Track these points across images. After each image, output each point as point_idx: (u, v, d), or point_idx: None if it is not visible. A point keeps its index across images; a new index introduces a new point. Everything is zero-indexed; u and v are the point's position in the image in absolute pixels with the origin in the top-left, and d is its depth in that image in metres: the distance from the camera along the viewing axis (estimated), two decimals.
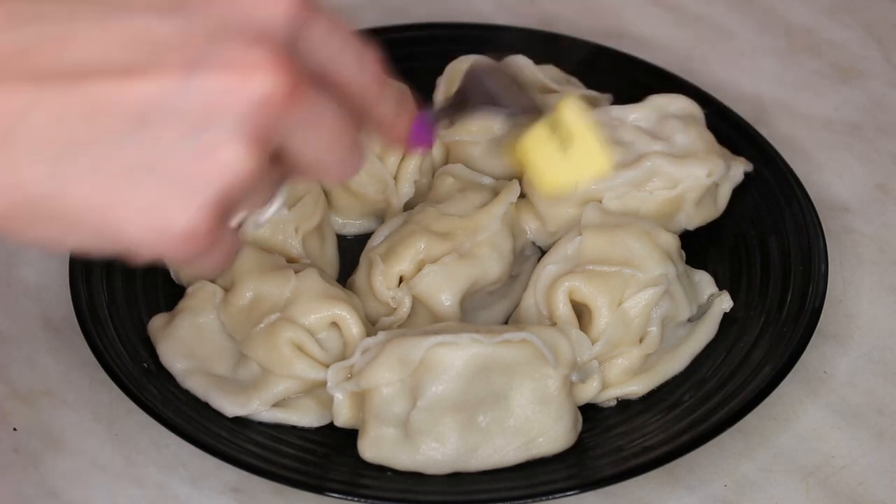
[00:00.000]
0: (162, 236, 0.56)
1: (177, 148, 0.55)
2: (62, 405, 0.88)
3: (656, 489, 0.83)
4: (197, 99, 0.54)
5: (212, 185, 0.55)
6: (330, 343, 0.85)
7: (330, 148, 0.60)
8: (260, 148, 0.56)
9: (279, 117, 0.56)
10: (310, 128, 0.58)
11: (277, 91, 0.55)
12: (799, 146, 1.06)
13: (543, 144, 0.79)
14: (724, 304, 0.90)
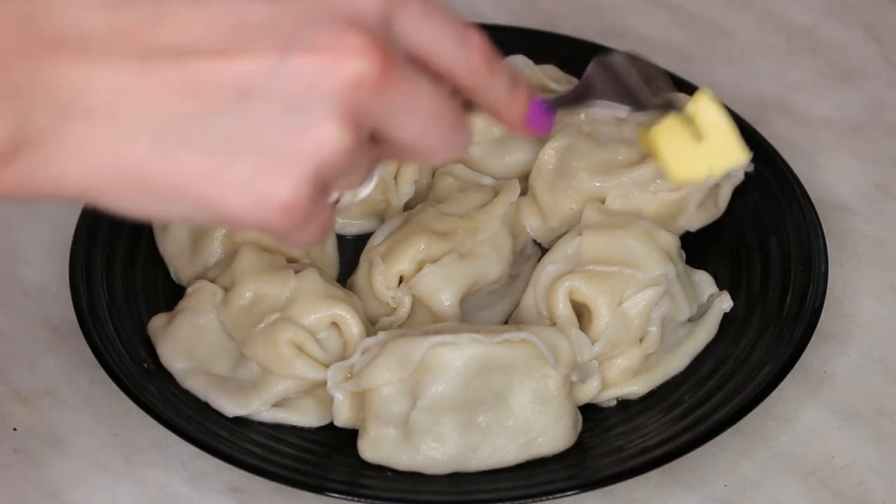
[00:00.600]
0: (262, 208, 0.58)
1: (275, 124, 0.57)
2: (62, 405, 0.88)
3: (656, 489, 0.83)
4: (293, 78, 0.56)
5: (309, 160, 0.57)
6: (330, 343, 0.85)
7: (428, 129, 0.61)
8: (354, 128, 0.57)
9: (372, 99, 0.58)
10: (406, 110, 0.59)
11: (369, 74, 0.57)
12: (799, 146, 1.06)
13: (677, 134, 0.81)
14: (724, 304, 0.90)
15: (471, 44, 0.63)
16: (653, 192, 0.93)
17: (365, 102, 0.58)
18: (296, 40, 0.57)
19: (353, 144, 0.58)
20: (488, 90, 0.65)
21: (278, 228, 0.59)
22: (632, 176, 0.92)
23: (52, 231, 0.99)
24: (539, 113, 0.68)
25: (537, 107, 0.68)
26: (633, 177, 0.92)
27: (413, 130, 0.61)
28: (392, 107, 0.59)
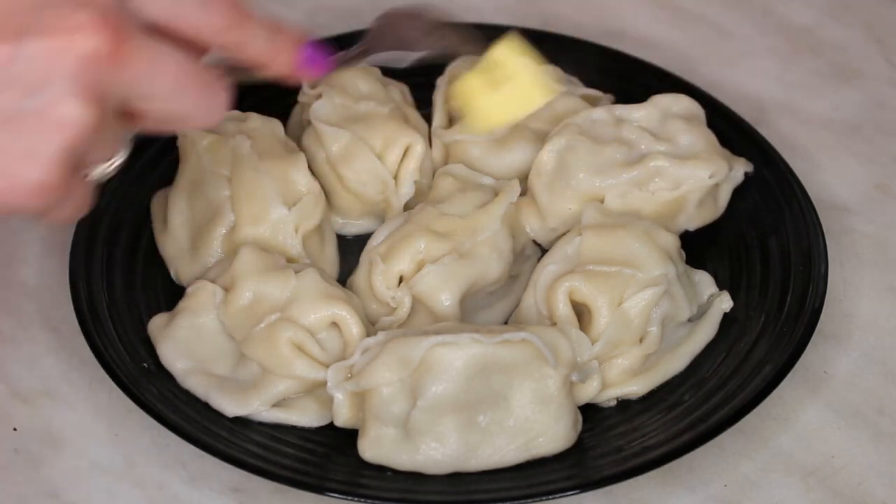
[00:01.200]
0: (15, 192, 0.60)
1: (18, 109, 0.59)
2: (62, 405, 0.88)
3: (656, 489, 0.83)
4: (30, 63, 0.59)
5: (54, 140, 0.59)
6: (330, 343, 0.85)
7: (176, 96, 0.63)
8: (95, 103, 0.60)
9: (110, 73, 0.60)
10: (148, 80, 0.61)
11: (102, 48, 0.59)
12: (799, 146, 1.06)
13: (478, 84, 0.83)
14: (724, 304, 0.90)
15: (214, 4, 0.64)
16: (651, 192, 0.93)
17: (102, 77, 0.59)
18: (29, 25, 0.58)
19: (96, 119, 0.60)
20: (245, 45, 0.66)
21: (34, 209, 0.61)
22: (630, 176, 0.92)
23: (51, 231, 0.99)
24: (311, 58, 0.70)
25: (309, 52, 0.69)
26: (632, 177, 0.92)
27: (161, 100, 0.62)
28: (133, 78, 0.61)
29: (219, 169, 0.93)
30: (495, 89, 0.83)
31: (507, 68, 0.83)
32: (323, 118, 0.96)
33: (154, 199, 0.97)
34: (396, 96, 1.00)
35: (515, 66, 0.83)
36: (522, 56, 0.83)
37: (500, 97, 0.83)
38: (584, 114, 0.96)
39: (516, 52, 0.83)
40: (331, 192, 0.97)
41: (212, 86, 0.64)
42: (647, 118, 0.96)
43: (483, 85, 0.83)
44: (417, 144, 0.96)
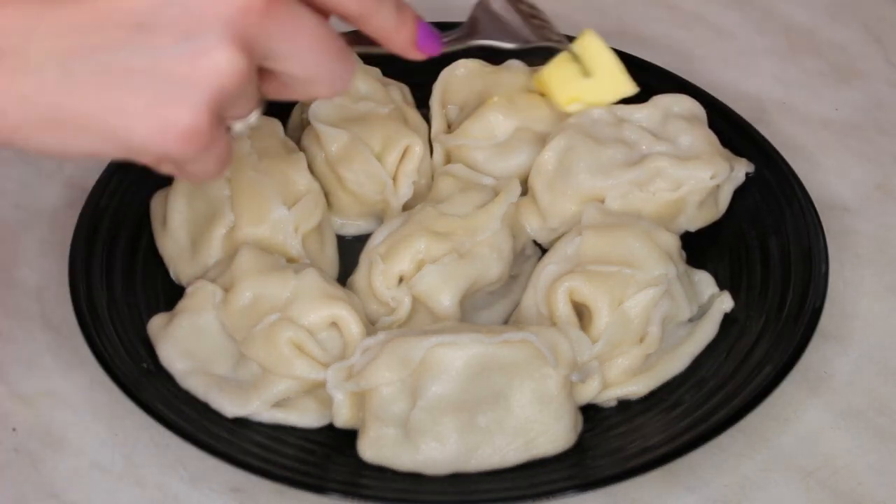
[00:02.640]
0: (166, 134, 0.61)
1: (172, 53, 0.60)
2: (62, 405, 0.88)
3: (656, 489, 0.83)
4: (184, 9, 0.60)
5: (206, 86, 0.61)
6: (330, 343, 0.85)
7: (313, 59, 0.64)
8: (245, 53, 0.61)
9: (260, 26, 0.61)
10: (291, 38, 0.63)
11: (255, 1, 0.61)
12: (799, 146, 1.06)
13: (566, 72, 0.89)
14: (724, 304, 0.90)
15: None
16: (652, 193, 0.93)
17: (253, 29, 0.61)
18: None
19: (245, 68, 0.61)
20: (375, 16, 0.68)
21: (182, 155, 0.62)
22: (631, 176, 0.92)
23: (51, 231, 0.99)
24: (427, 36, 0.72)
25: (425, 30, 0.71)
26: (633, 177, 0.92)
27: (298, 60, 0.64)
28: (278, 35, 0.62)
29: None
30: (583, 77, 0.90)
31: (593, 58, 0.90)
32: (322, 118, 0.96)
33: (154, 199, 0.97)
34: (396, 97, 1.00)
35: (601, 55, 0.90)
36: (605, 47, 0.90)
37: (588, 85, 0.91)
38: (585, 114, 0.96)
39: (600, 43, 0.90)
40: (330, 193, 0.97)
41: (344, 53, 0.66)
42: (648, 118, 0.96)
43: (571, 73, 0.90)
44: (416, 145, 0.96)
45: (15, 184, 1.04)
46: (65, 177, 1.04)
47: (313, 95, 0.68)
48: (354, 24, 0.69)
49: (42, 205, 1.01)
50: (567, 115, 0.96)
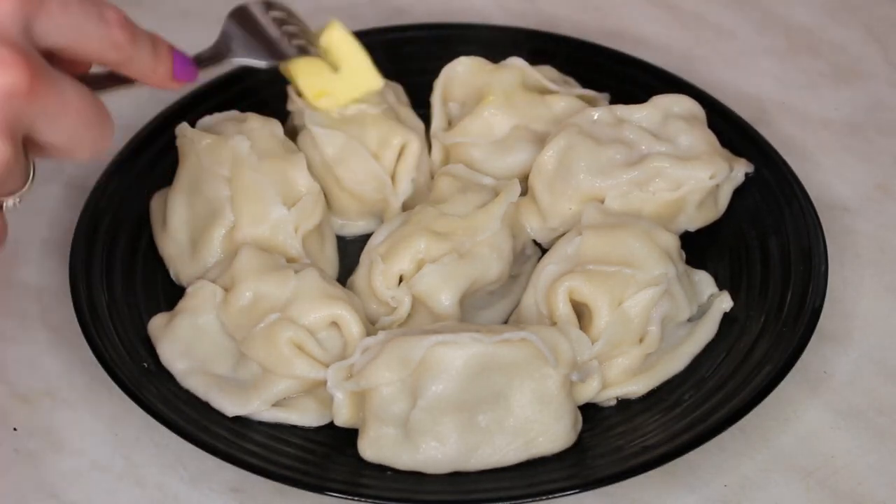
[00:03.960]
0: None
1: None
2: (62, 405, 0.88)
3: (656, 489, 0.83)
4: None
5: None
6: (330, 343, 0.85)
7: (77, 129, 0.64)
8: (12, 138, 0.61)
9: (24, 109, 0.61)
10: (55, 114, 0.63)
11: (18, 85, 0.61)
12: (799, 146, 1.06)
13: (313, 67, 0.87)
14: (724, 303, 0.90)
15: (110, 22, 0.66)
16: (652, 193, 0.93)
17: (17, 113, 0.61)
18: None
19: (11, 154, 0.62)
20: (134, 60, 0.68)
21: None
22: (631, 176, 0.92)
23: (51, 231, 0.99)
24: (183, 66, 0.72)
25: (180, 61, 0.72)
26: (633, 177, 0.92)
27: (63, 132, 0.64)
28: (42, 115, 0.62)
29: (218, 169, 0.93)
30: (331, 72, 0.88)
31: (339, 52, 0.88)
32: (316, 121, 0.96)
33: (154, 199, 0.97)
34: (390, 97, 1.00)
35: (347, 49, 0.88)
36: (351, 40, 0.89)
37: (336, 80, 0.89)
38: (585, 114, 0.96)
39: (346, 37, 0.89)
40: (329, 194, 0.97)
41: (104, 118, 0.66)
42: (647, 118, 0.96)
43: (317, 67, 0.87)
44: (413, 142, 0.96)
45: None
46: (65, 177, 1.04)
47: (73, 159, 0.67)
48: (114, 69, 0.69)
49: (42, 205, 1.01)
50: (559, 118, 0.95)
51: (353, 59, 0.89)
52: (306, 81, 0.89)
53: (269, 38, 0.83)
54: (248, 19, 0.83)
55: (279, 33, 0.83)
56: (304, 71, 0.88)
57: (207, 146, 0.94)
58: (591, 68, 1.05)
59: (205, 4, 1.20)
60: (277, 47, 0.83)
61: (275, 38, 0.83)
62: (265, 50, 0.82)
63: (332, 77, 0.89)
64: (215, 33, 0.81)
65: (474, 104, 0.99)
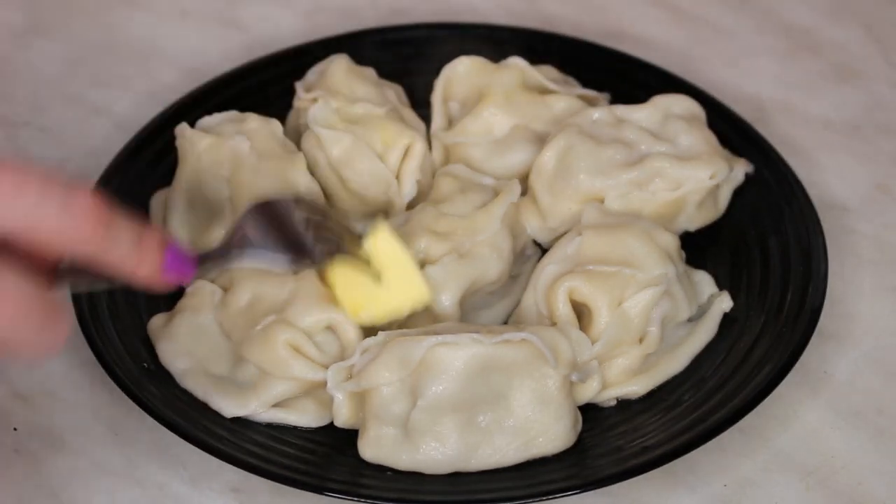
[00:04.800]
0: None
1: None
2: (62, 405, 0.88)
3: (656, 489, 0.83)
4: None
5: None
6: (327, 345, 0.85)
7: (14, 328, 0.58)
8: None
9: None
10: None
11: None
12: (799, 146, 1.06)
13: (354, 275, 0.79)
14: (723, 304, 0.90)
15: (77, 209, 0.59)
16: (652, 193, 0.93)
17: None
18: None
19: None
20: (108, 252, 0.61)
21: None
22: (631, 176, 0.92)
23: None
24: (176, 261, 0.65)
25: (174, 255, 0.64)
26: (633, 177, 0.92)
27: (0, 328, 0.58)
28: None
29: (218, 169, 0.93)
30: (373, 282, 0.80)
31: (384, 258, 0.80)
32: (321, 122, 0.96)
33: (153, 199, 0.97)
34: (391, 97, 1.00)
35: (393, 256, 0.81)
36: (398, 246, 0.81)
37: (379, 290, 0.81)
38: (585, 114, 0.96)
39: (392, 242, 0.81)
40: (333, 195, 0.97)
41: (53, 317, 0.60)
42: (647, 119, 0.96)
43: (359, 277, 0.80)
44: (417, 143, 0.96)
45: None
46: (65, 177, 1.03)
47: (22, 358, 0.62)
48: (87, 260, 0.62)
49: None
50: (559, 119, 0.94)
51: (398, 269, 0.81)
52: (345, 292, 0.81)
53: (295, 238, 0.74)
54: (273, 215, 0.74)
55: (308, 234, 0.75)
56: (343, 279, 0.81)
57: (207, 146, 0.94)
58: (591, 68, 1.05)
59: (205, 4, 1.20)
60: (303, 250, 0.74)
61: (302, 240, 0.74)
62: (288, 252, 0.74)
63: (374, 288, 0.81)
64: (215, 33, 0.78)
65: (474, 104, 0.99)
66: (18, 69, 1.14)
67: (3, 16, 1.19)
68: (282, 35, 1.16)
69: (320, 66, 1.01)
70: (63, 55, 1.16)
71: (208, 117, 0.97)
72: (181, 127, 0.95)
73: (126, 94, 1.12)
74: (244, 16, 1.19)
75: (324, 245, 0.76)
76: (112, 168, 0.97)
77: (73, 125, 1.09)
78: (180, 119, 0.97)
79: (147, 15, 1.20)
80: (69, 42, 1.17)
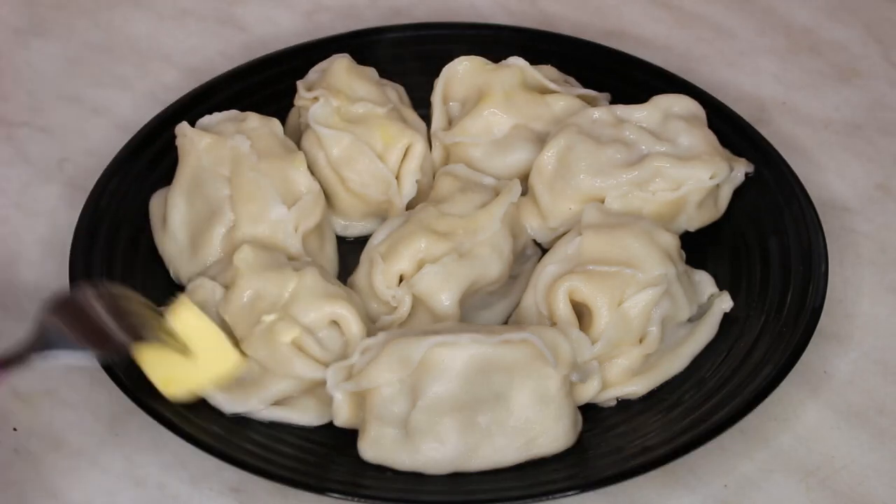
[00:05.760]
0: None
1: None
2: (62, 405, 0.88)
3: (656, 489, 0.83)
4: None
5: None
6: (330, 342, 0.85)
7: None
8: None
9: None
10: None
11: None
12: (799, 146, 1.06)
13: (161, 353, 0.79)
14: (724, 304, 0.89)
15: None
16: (652, 193, 0.93)
17: None
18: None
19: None
20: None
21: None
22: (631, 176, 0.92)
23: (52, 231, 0.99)
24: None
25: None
26: (633, 177, 0.92)
27: None
28: None
29: (218, 169, 0.93)
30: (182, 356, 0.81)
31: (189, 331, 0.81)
32: (321, 121, 0.96)
33: (153, 198, 0.97)
34: (393, 97, 1.00)
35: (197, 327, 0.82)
36: (202, 322, 0.82)
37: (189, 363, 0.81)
38: (585, 114, 0.96)
39: (194, 315, 0.82)
40: (333, 195, 0.97)
41: None
42: (647, 118, 0.96)
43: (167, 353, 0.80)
44: (417, 144, 0.96)
45: (15, 184, 1.04)
46: (65, 177, 1.04)
47: None
48: None
49: (42, 205, 1.01)
50: None
51: (204, 339, 0.82)
52: (154, 370, 0.82)
53: (99, 330, 0.74)
54: (71, 309, 0.74)
55: (111, 321, 0.75)
56: (152, 358, 0.81)
57: (207, 146, 0.94)
58: (591, 68, 1.05)
59: (205, 4, 1.20)
60: (107, 341, 0.74)
61: (106, 330, 0.74)
62: (92, 346, 0.73)
63: (182, 361, 0.82)
64: (215, 33, 0.78)
65: (474, 104, 0.99)
66: (18, 69, 1.14)
67: (3, 16, 1.19)
68: (282, 35, 1.16)
69: (322, 66, 1.01)
70: (62, 55, 1.16)
71: (208, 116, 0.97)
72: (181, 126, 0.95)
73: (126, 94, 1.12)
74: (244, 15, 1.19)
75: (130, 332, 0.77)
76: (112, 168, 0.97)
77: (73, 125, 1.09)
78: (180, 119, 0.97)
79: (147, 15, 1.20)
80: (68, 42, 1.17)
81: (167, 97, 1.04)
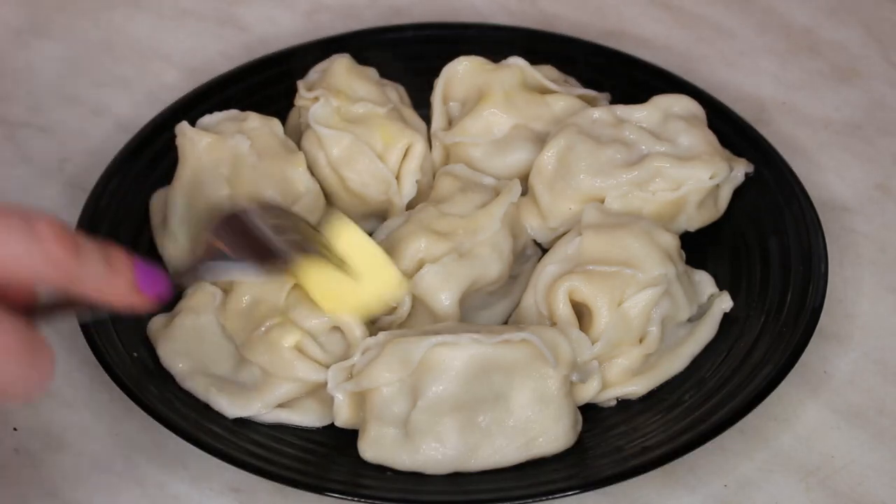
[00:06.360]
0: None
1: None
2: (62, 405, 0.88)
3: (656, 489, 0.83)
4: None
5: None
6: (332, 345, 0.85)
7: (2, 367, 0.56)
8: None
9: None
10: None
11: None
12: (799, 146, 1.06)
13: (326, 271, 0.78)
14: (724, 304, 0.90)
15: (42, 236, 0.57)
16: (652, 193, 0.93)
17: None
18: None
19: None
20: (81, 277, 0.59)
21: None
22: (631, 176, 0.92)
23: None
24: (149, 279, 0.63)
25: (145, 273, 0.63)
26: (633, 177, 0.92)
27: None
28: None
29: (218, 169, 0.93)
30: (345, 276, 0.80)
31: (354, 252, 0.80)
32: (322, 121, 0.96)
33: (153, 198, 0.97)
34: (393, 97, 1.00)
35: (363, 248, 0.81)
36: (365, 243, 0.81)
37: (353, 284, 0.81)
38: (585, 114, 0.96)
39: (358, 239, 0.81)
40: (333, 195, 0.97)
41: (38, 355, 0.58)
42: (647, 118, 0.96)
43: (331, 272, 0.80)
44: (418, 144, 0.96)
45: (15, 184, 1.04)
46: (65, 177, 1.04)
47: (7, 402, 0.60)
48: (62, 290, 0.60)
49: (42, 205, 1.01)
50: None
51: (366, 258, 0.81)
52: (321, 292, 0.81)
53: (265, 245, 0.75)
54: (240, 226, 0.75)
55: (277, 239, 0.75)
56: (316, 279, 0.80)
57: (207, 145, 0.94)
58: (591, 68, 1.05)
59: (204, 4, 1.20)
60: (274, 255, 0.75)
61: (272, 245, 0.75)
62: (259, 259, 0.74)
63: (344, 279, 0.80)
64: (215, 33, 0.78)
65: (474, 104, 0.99)
66: (18, 69, 1.14)
67: (3, 15, 1.19)
68: (282, 35, 1.16)
69: (322, 66, 1.01)
70: (63, 55, 1.16)
71: (208, 116, 0.97)
72: (181, 125, 0.95)
73: (126, 94, 1.12)
74: (244, 15, 1.19)
75: (293, 247, 0.77)
76: (112, 168, 0.97)
77: (73, 125, 1.09)
78: (180, 119, 0.97)
79: (147, 15, 1.20)
80: (69, 42, 1.17)
81: (167, 97, 1.05)
